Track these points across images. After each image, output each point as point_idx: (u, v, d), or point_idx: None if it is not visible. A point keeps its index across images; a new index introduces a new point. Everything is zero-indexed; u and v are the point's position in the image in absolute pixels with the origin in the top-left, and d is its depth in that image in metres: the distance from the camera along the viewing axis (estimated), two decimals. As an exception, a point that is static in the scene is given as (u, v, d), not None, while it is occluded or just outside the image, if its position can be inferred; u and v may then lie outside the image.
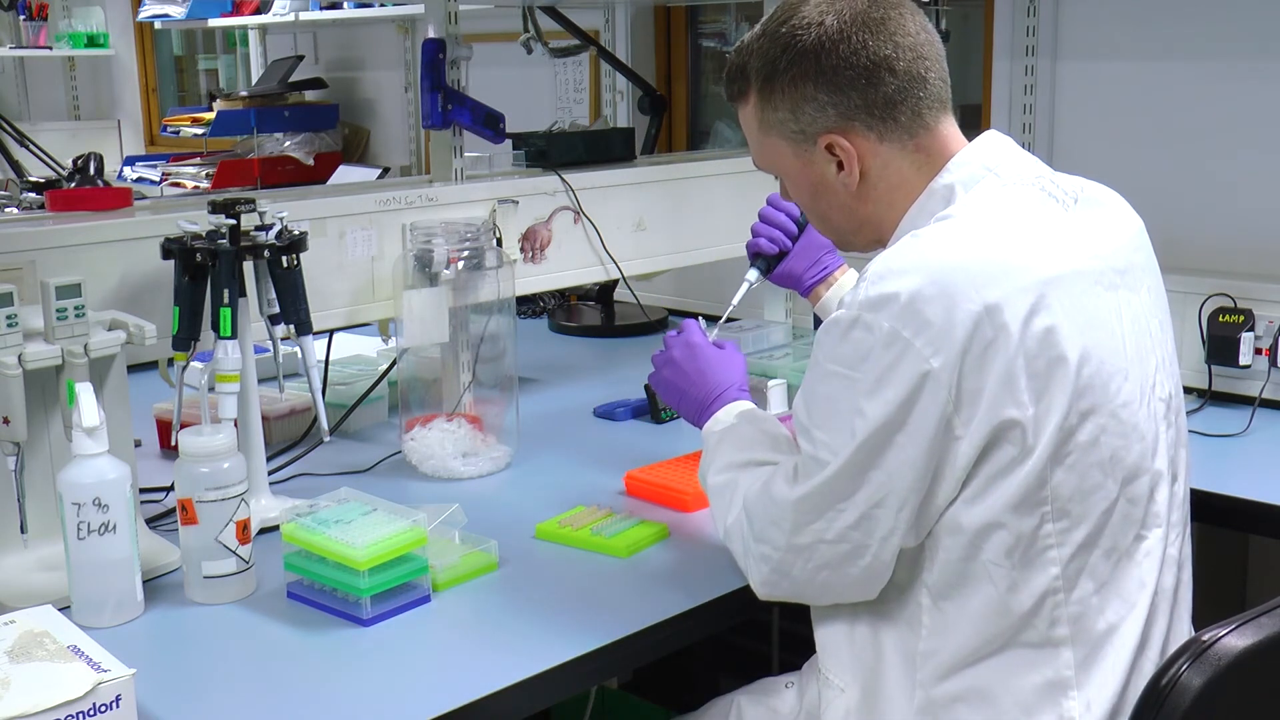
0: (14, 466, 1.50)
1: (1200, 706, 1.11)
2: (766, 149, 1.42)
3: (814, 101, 1.33)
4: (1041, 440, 1.21)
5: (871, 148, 1.35)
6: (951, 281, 1.21)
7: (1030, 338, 1.21)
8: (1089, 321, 1.25)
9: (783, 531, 1.31)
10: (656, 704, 2.31)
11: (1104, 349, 1.26)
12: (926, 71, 1.33)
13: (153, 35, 5.13)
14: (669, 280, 2.95)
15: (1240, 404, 2.15)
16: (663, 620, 1.41)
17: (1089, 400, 1.24)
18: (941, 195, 1.34)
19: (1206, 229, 2.44)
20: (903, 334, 1.20)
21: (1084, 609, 1.26)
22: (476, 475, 1.89)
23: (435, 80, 2.10)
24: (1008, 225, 1.29)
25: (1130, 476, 1.28)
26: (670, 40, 3.53)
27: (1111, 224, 1.38)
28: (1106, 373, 1.25)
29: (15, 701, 1.06)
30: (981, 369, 1.20)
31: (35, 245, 1.67)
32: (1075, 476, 1.24)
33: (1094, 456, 1.25)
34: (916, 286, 1.21)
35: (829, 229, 1.47)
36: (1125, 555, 1.28)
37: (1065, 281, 1.25)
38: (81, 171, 2.65)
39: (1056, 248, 1.28)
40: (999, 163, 1.35)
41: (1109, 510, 1.26)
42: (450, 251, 1.92)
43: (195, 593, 1.47)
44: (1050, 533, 1.24)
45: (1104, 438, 1.25)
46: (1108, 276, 1.31)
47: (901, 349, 1.20)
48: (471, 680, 1.27)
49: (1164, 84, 2.47)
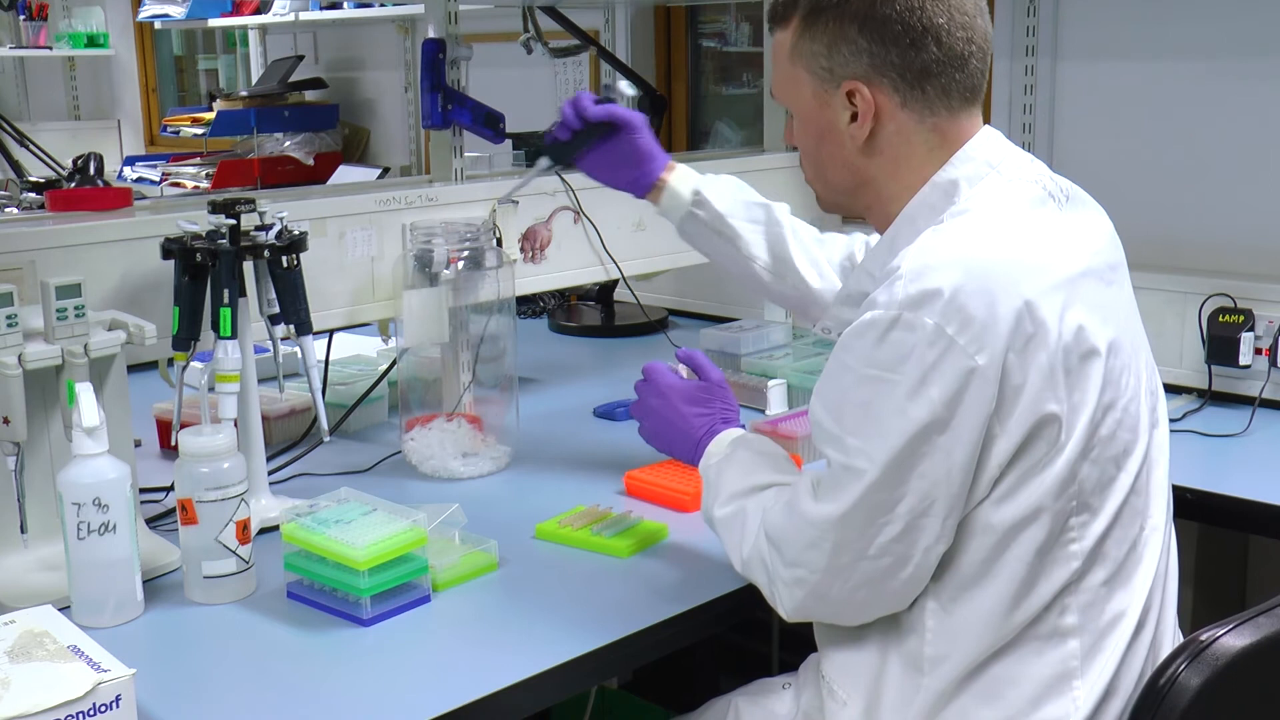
0: (14, 466, 1.50)
1: (1198, 706, 1.11)
2: (789, 79, 1.39)
3: (852, 44, 1.32)
4: (1074, 435, 1.22)
5: (891, 110, 1.33)
6: (992, 276, 1.21)
7: (1066, 333, 1.22)
8: (1106, 317, 1.27)
9: (822, 553, 1.27)
10: (656, 704, 2.31)
11: (1120, 343, 1.28)
12: (969, 56, 1.32)
13: (153, 35, 5.13)
14: (669, 280, 2.95)
15: (1240, 404, 2.15)
16: (663, 620, 1.41)
17: (1110, 394, 1.25)
18: (945, 190, 1.33)
19: (1206, 229, 2.44)
20: (946, 331, 1.19)
21: (1093, 598, 1.27)
22: (476, 475, 1.89)
23: (435, 80, 2.10)
24: (1026, 223, 1.29)
25: (1137, 468, 1.30)
26: (670, 40, 3.53)
27: (1096, 222, 1.40)
28: (1120, 367, 1.27)
29: (15, 701, 1.06)
30: (1024, 365, 1.20)
31: (35, 245, 1.67)
32: (1097, 470, 1.25)
33: (1111, 450, 1.26)
34: (959, 282, 1.20)
35: (820, 178, 1.43)
36: (1133, 545, 1.30)
37: (1084, 278, 1.27)
38: (81, 171, 2.65)
39: (1068, 245, 1.29)
40: (1000, 160, 1.35)
41: (1123, 502, 1.28)
42: (450, 251, 1.92)
43: (195, 593, 1.47)
44: (1074, 526, 1.25)
45: (1119, 431, 1.27)
46: (1106, 273, 1.33)
47: (945, 346, 1.19)
48: (471, 680, 1.27)
49: (1164, 84, 2.47)
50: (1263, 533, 2.02)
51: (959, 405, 1.19)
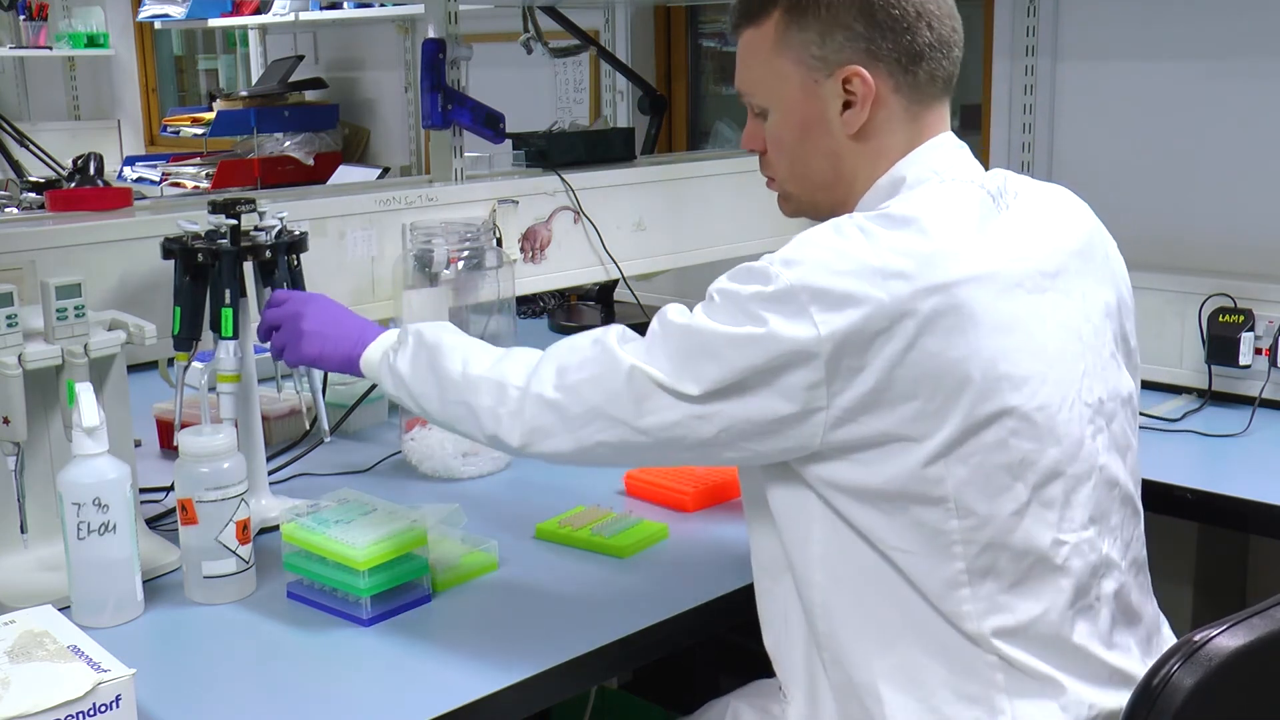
0: (14, 466, 1.50)
1: (1192, 706, 1.11)
2: (769, 74, 1.36)
3: (848, 30, 1.30)
4: (933, 435, 1.20)
5: (885, 95, 1.32)
6: (863, 263, 1.19)
7: (937, 333, 1.18)
8: (1001, 325, 1.22)
9: (607, 395, 1.27)
10: (656, 704, 2.31)
11: (1018, 353, 1.23)
12: (954, 44, 1.33)
13: (153, 35, 5.13)
14: (669, 280, 2.95)
15: (1240, 404, 2.15)
16: (663, 620, 1.41)
17: (995, 403, 1.21)
18: (887, 190, 1.32)
19: (1206, 229, 2.44)
20: (800, 295, 1.18)
21: (991, 606, 1.25)
22: (476, 475, 1.89)
23: (435, 80, 2.10)
24: (935, 221, 1.25)
25: (1043, 480, 1.26)
26: (670, 40, 3.53)
27: (1050, 226, 1.35)
28: (1019, 376, 1.22)
29: (15, 701, 1.06)
30: (865, 352, 1.18)
31: (35, 245, 1.67)
32: (981, 477, 1.22)
33: (1000, 458, 1.22)
34: (828, 259, 1.20)
35: (796, 175, 1.40)
36: (1040, 559, 1.26)
37: (982, 282, 1.22)
38: (81, 171, 2.65)
39: (980, 247, 1.25)
40: (945, 165, 1.33)
41: (1019, 513, 1.24)
42: (450, 251, 1.92)
43: (195, 593, 1.47)
44: (956, 529, 1.23)
45: (1013, 440, 1.23)
46: (1033, 279, 1.27)
47: (794, 309, 1.18)
48: (471, 680, 1.27)
49: (1164, 84, 2.47)
50: (1263, 533, 2.02)
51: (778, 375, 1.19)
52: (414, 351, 1.43)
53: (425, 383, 1.41)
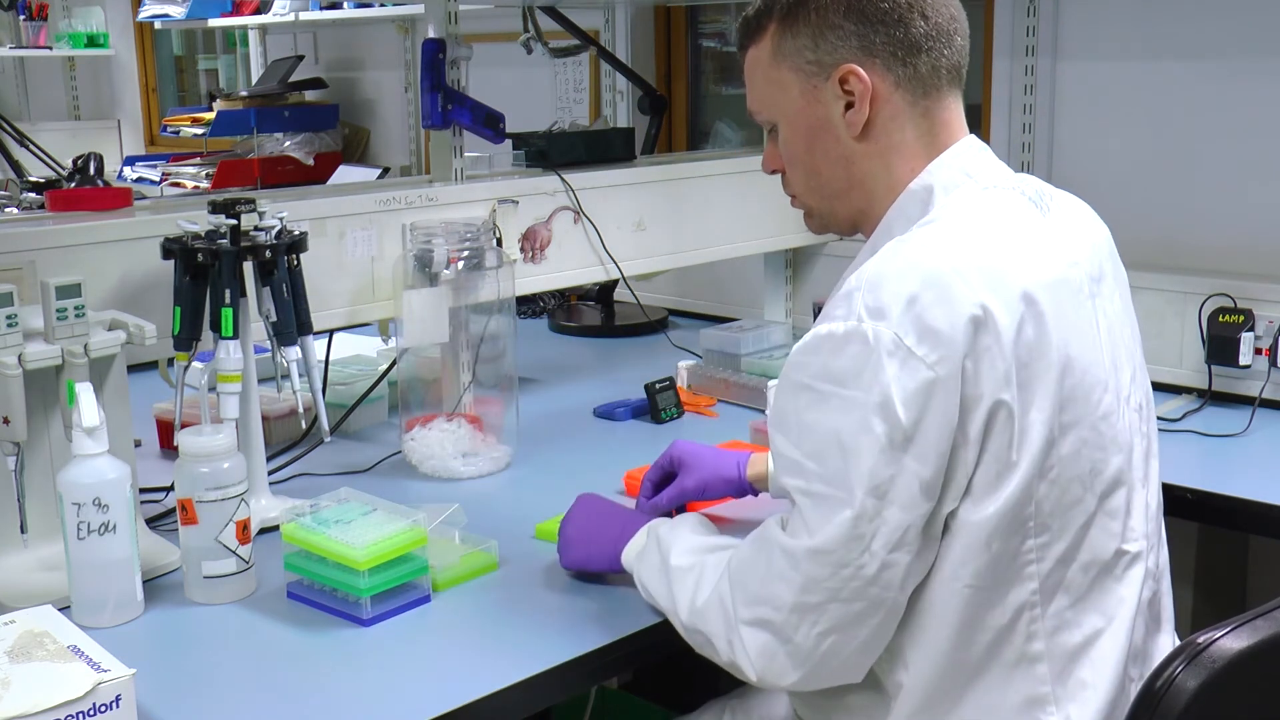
0: (14, 466, 1.50)
1: (1195, 709, 1.10)
2: (772, 85, 1.35)
3: (839, 30, 1.29)
4: (1026, 454, 1.17)
5: (886, 91, 1.30)
6: (949, 285, 1.16)
7: (1021, 345, 1.17)
8: (1073, 331, 1.22)
9: (791, 587, 1.18)
10: (656, 704, 2.31)
11: (1087, 359, 1.22)
12: (954, 32, 1.31)
13: (153, 35, 5.13)
14: (669, 280, 2.96)
15: (1240, 404, 2.15)
16: (663, 620, 1.41)
17: (1072, 413, 1.20)
18: (920, 197, 1.30)
19: (1206, 229, 2.44)
20: (905, 342, 1.14)
21: (1059, 623, 1.23)
22: (476, 475, 1.89)
23: (435, 80, 2.10)
24: (993, 230, 1.25)
25: (1109, 489, 1.25)
26: (670, 40, 3.53)
27: (1084, 231, 1.35)
28: (1089, 384, 1.22)
29: (15, 701, 1.06)
30: (979, 371, 1.15)
31: (35, 245, 1.67)
32: (1057, 490, 1.20)
33: (1074, 470, 1.21)
34: (914, 291, 1.15)
35: (811, 186, 1.38)
36: (1104, 569, 1.25)
37: (1051, 289, 1.21)
38: (81, 171, 2.65)
39: (1040, 254, 1.24)
40: (978, 168, 1.32)
41: (1087, 524, 1.23)
42: (450, 251, 1.92)
43: (195, 593, 1.47)
44: (1031, 548, 1.20)
45: (1085, 450, 1.21)
46: (1086, 285, 1.27)
47: (904, 358, 1.14)
48: (471, 680, 1.27)
49: (1164, 84, 2.47)
50: (1263, 533, 2.02)
51: (923, 419, 1.14)
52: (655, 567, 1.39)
53: (666, 600, 1.36)
